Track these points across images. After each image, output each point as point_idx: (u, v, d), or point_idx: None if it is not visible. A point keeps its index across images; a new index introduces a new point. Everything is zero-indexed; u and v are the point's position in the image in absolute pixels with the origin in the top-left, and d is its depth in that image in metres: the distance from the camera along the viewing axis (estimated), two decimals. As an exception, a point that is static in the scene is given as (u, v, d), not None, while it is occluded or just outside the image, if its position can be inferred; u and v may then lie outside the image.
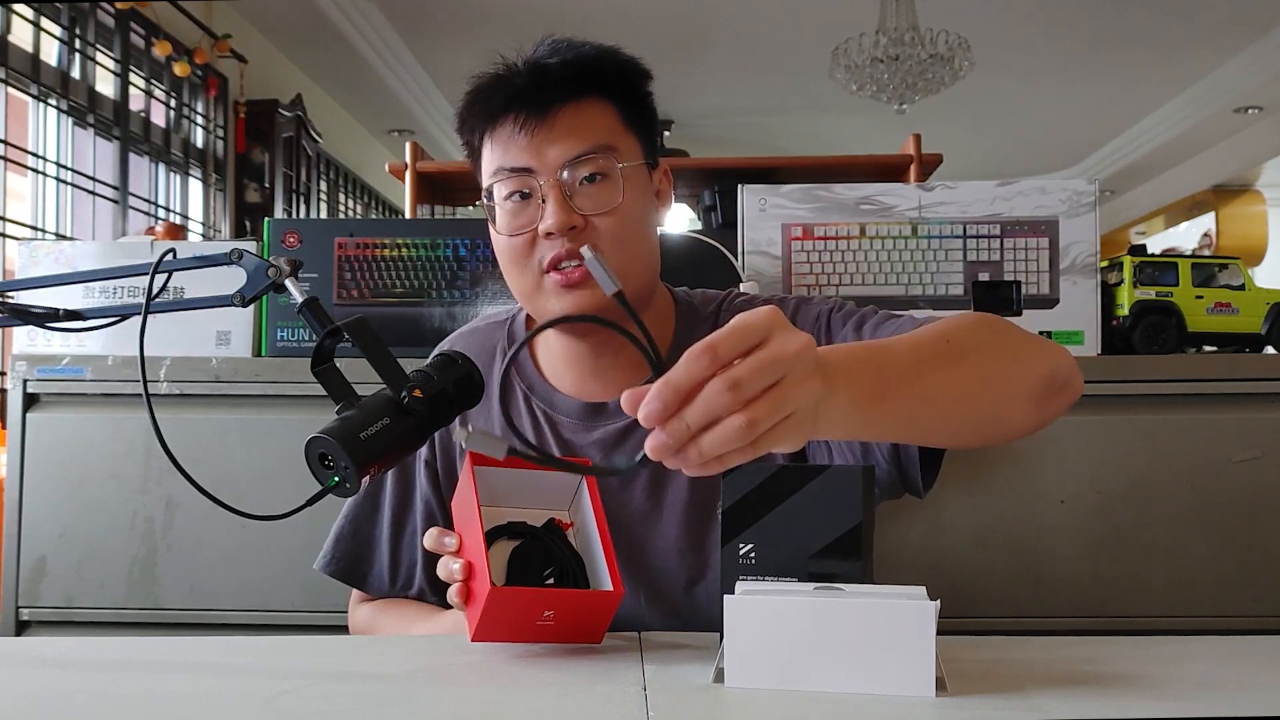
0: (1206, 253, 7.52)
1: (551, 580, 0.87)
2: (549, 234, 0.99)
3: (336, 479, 0.77)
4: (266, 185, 4.90)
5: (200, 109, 4.69)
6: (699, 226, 2.01)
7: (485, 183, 1.04)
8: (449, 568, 0.85)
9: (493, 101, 1.01)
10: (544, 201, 0.99)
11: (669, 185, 1.11)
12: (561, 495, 0.92)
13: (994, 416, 0.84)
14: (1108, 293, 1.60)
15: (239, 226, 4.83)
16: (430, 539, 0.88)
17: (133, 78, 4.13)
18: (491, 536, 0.86)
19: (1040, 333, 1.49)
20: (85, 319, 0.88)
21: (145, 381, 0.80)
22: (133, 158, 4.13)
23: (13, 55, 3.40)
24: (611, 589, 0.84)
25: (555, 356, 1.11)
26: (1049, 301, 1.49)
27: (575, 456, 1.06)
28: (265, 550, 1.51)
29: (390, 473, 1.12)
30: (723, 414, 0.60)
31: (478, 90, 1.03)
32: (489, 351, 1.14)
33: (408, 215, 2.30)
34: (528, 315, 1.15)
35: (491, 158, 1.03)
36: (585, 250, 0.68)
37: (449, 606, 0.99)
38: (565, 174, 0.99)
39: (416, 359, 0.90)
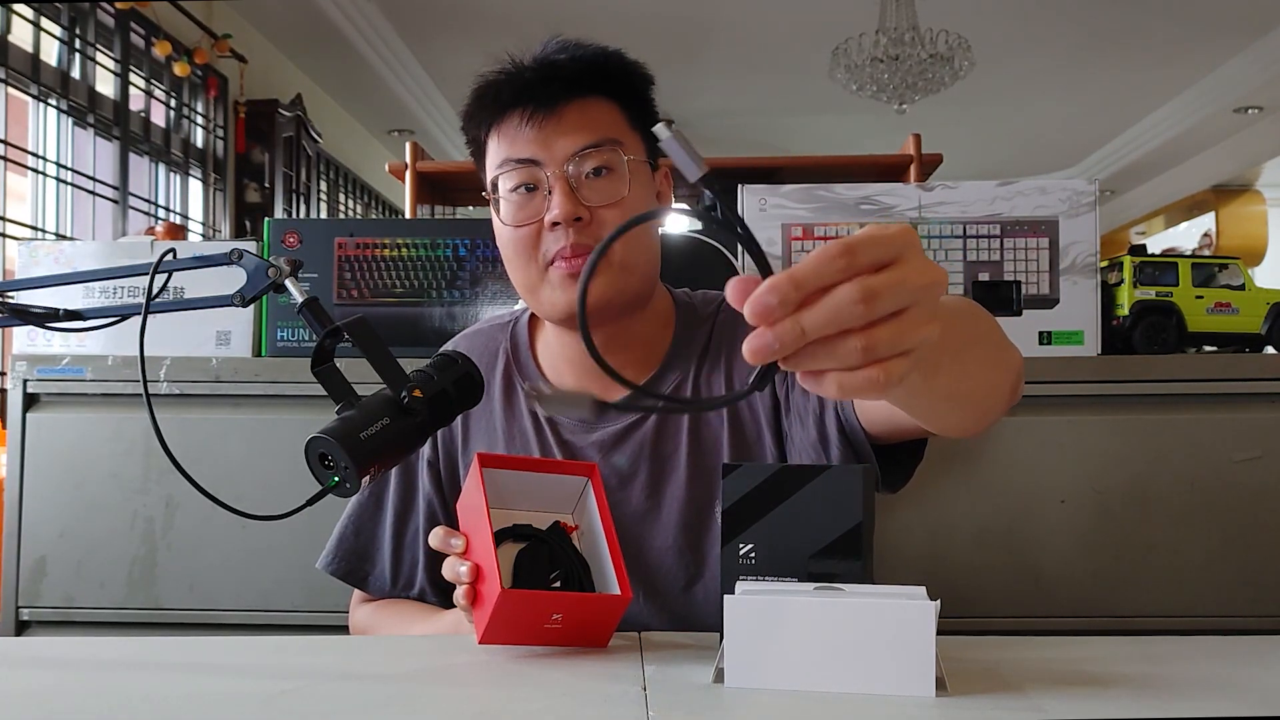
0: (1206, 253, 7.52)
1: (558, 584, 0.87)
2: (555, 224, 0.99)
3: (336, 479, 0.77)
4: (266, 185, 4.90)
5: (200, 109, 4.69)
6: (699, 226, 2.01)
7: (490, 175, 1.04)
8: (456, 569, 0.85)
9: (500, 96, 1.02)
10: (550, 193, 1.00)
11: (669, 187, 1.11)
12: (567, 498, 0.91)
13: (992, 402, 0.81)
14: (1108, 293, 1.60)
15: (239, 226, 4.83)
16: (436, 538, 0.88)
17: (133, 78, 4.12)
18: (497, 539, 0.86)
19: (1040, 333, 1.49)
20: (85, 319, 0.88)
21: (145, 381, 0.80)
22: (133, 158, 4.13)
23: (13, 55, 3.40)
24: (619, 593, 0.84)
25: (557, 357, 1.11)
26: (1049, 301, 1.49)
27: (576, 459, 1.06)
28: (265, 550, 1.51)
29: (394, 473, 1.12)
30: (845, 326, 0.51)
31: (485, 86, 1.04)
32: (492, 353, 1.14)
33: (408, 215, 2.30)
34: (531, 315, 1.15)
35: (497, 151, 1.03)
36: (661, 129, 0.55)
37: (450, 606, 0.99)
38: (571, 166, 1.00)
39: (416, 359, 0.89)
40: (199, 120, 4.67)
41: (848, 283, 0.50)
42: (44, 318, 0.89)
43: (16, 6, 3.34)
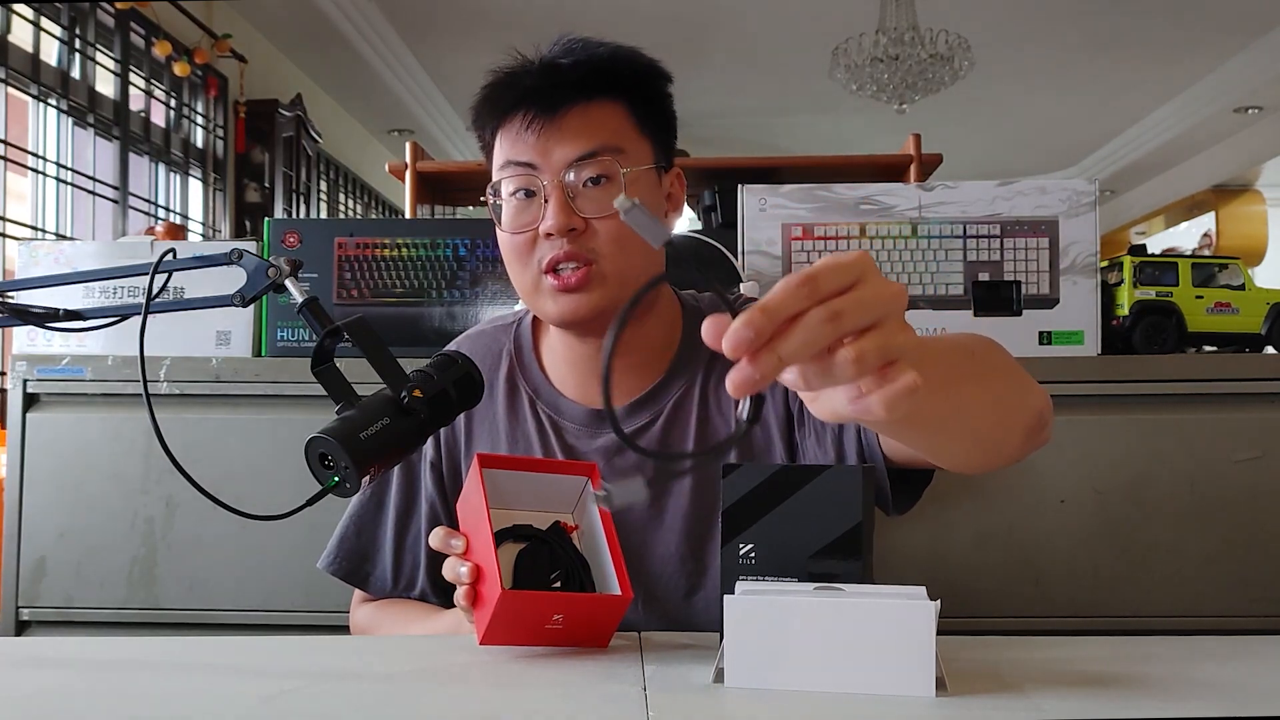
0: (1206, 253, 7.52)
1: (558, 584, 0.87)
2: (549, 234, 0.99)
3: (336, 479, 0.77)
4: (266, 185, 4.90)
5: (200, 109, 4.69)
6: (699, 226, 2.01)
7: (494, 177, 1.04)
8: (456, 570, 0.85)
9: (504, 98, 1.02)
10: (546, 201, 1.00)
11: (681, 189, 1.10)
12: (567, 498, 0.91)
13: (1000, 441, 0.82)
14: (1108, 293, 1.60)
15: (239, 226, 4.83)
16: (436, 539, 0.88)
17: (133, 78, 4.13)
18: (497, 539, 0.86)
19: (1040, 333, 1.49)
20: (85, 319, 0.88)
21: (145, 381, 0.80)
22: (133, 158, 4.13)
23: (13, 55, 3.40)
24: (620, 593, 0.84)
25: (560, 360, 1.11)
26: (1049, 301, 1.49)
27: (579, 460, 1.06)
28: (265, 550, 1.51)
29: (395, 473, 1.12)
30: (818, 346, 0.54)
31: (491, 86, 1.04)
32: (496, 354, 1.14)
33: (408, 215, 2.29)
34: (534, 316, 1.15)
35: (500, 153, 1.03)
36: (621, 201, 0.58)
37: (451, 607, 0.99)
38: (569, 175, 0.99)
39: (416, 359, 0.89)
40: (199, 120, 4.67)
41: (815, 307, 0.53)
42: (44, 318, 0.89)
43: (16, 6, 3.34)
